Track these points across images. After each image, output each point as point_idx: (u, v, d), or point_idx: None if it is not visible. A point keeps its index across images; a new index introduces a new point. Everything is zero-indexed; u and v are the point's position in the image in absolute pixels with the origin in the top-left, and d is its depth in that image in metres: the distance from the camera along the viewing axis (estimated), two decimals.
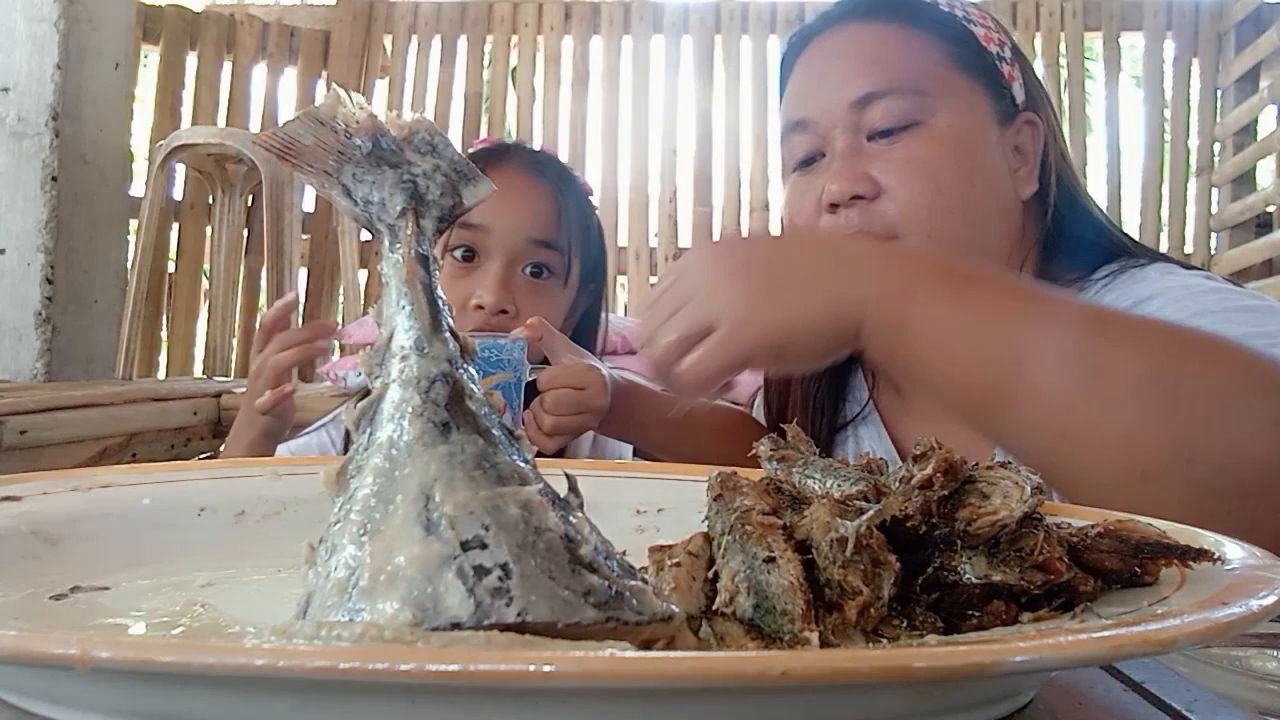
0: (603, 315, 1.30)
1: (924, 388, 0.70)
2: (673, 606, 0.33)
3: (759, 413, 1.12)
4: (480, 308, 1.12)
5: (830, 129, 0.91)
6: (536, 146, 1.28)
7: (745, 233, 3.23)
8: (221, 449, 1.04)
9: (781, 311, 0.66)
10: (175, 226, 3.29)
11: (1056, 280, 0.92)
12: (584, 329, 1.26)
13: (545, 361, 1.04)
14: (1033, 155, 0.93)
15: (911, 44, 0.91)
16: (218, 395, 2.29)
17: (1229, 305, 0.77)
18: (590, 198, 1.29)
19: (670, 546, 0.40)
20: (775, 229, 3.34)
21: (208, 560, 0.50)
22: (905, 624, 0.37)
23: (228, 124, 3.39)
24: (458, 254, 1.15)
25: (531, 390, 1.00)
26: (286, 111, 3.51)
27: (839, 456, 0.53)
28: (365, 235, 1.43)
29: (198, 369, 3.29)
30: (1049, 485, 0.40)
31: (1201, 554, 0.39)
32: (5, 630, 0.28)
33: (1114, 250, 0.92)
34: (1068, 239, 0.93)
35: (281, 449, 1.13)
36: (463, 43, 3.58)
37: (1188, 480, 0.58)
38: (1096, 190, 3.30)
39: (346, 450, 0.37)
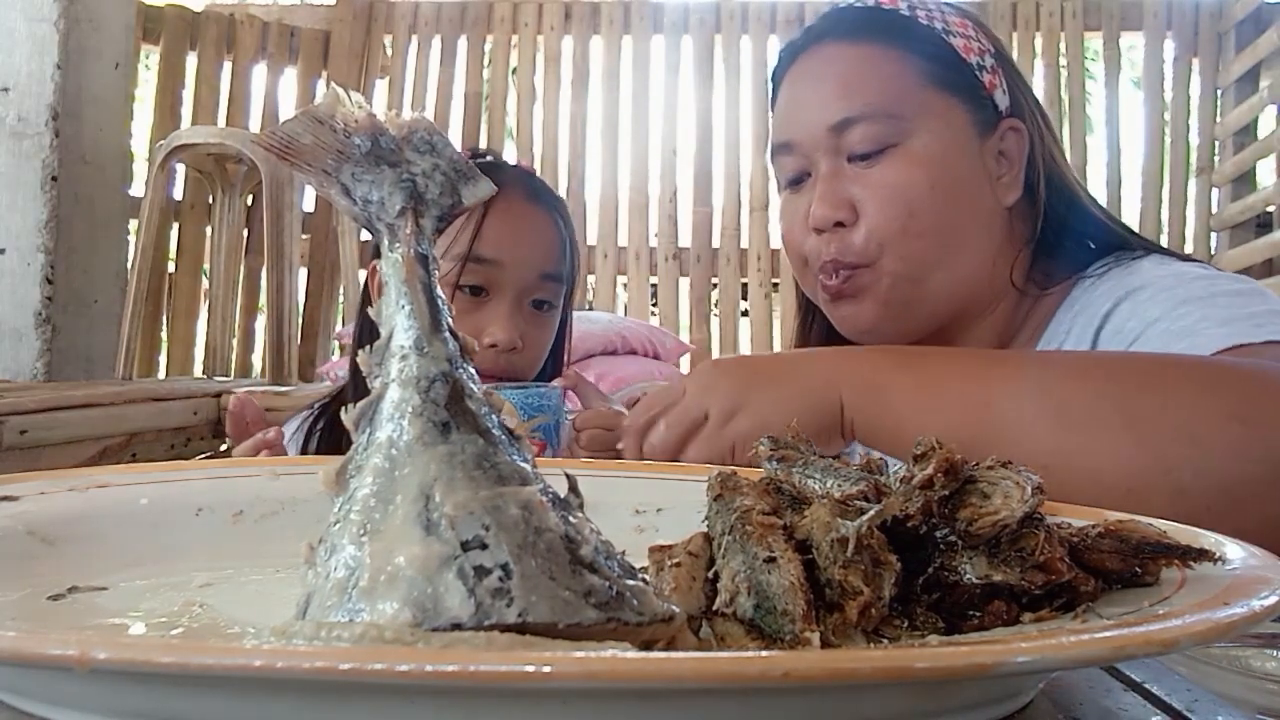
0: (569, 322, 1.32)
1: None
2: (673, 607, 0.33)
3: None
4: (494, 345, 1.13)
5: (813, 151, 0.94)
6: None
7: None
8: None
9: (766, 399, 0.74)
10: (175, 226, 3.29)
11: (1052, 278, 0.95)
12: (556, 339, 1.27)
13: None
14: (1018, 160, 0.95)
15: (888, 66, 0.93)
16: (218, 395, 2.29)
17: (1215, 290, 0.81)
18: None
19: (670, 546, 0.40)
20: (774, 225, 3.34)
21: (206, 560, 0.50)
22: (906, 624, 0.37)
23: (228, 124, 3.38)
24: (466, 289, 1.15)
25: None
26: (286, 111, 3.51)
27: (842, 457, 0.54)
28: (365, 235, 1.43)
29: (198, 369, 3.29)
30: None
31: (1202, 554, 0.39)
32: (3, 631, 0.28)
33: (1114, 245, 0.94)
34: (1064, 237, 0.95)
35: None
36: (463, 43, 3.58)
37: (1171, 489, 0.62)
38: (1096, 190, 3.30)
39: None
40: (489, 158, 1.31)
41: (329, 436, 1.21)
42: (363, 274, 1.31)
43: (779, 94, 1.00)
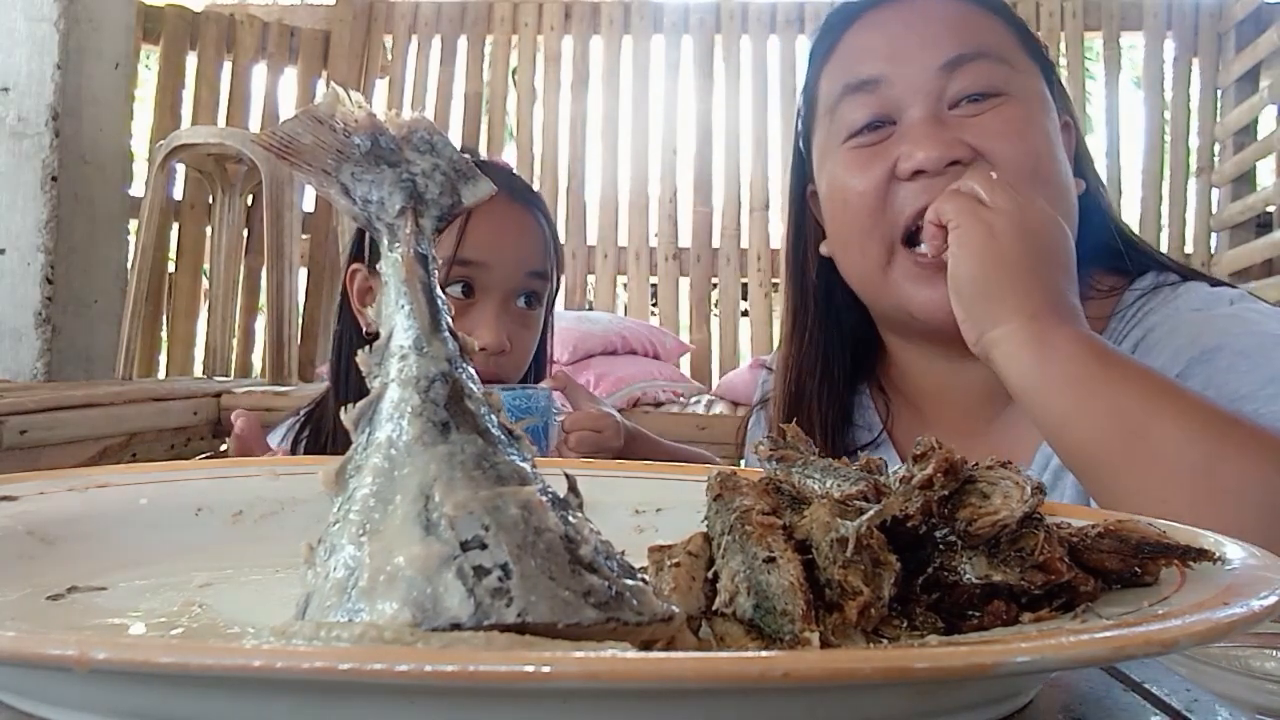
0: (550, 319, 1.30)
1: (1042, 416, 0.71)
2: (673, 607, 0.33)
3: (755, 429, 1.12)
4: (482, 349, 1.12)
5: (909, 93, 0.85)
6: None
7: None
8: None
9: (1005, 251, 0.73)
10: (175, 226, 3.28)
11: (1091, 286, 0.91)
12: (540, 340, 1.27)
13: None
14: (1069, 156, 0.92)
15: (989, 20, 0.89)
16: (218, 395, 2.29)
17: None
18: None
19: (670, 546, 0.40)
20: (774, 225, 3.34)
21: (205, 560, 0.50)
22: (906, 624, 0.37)
23: (228, 124, 3.38)
24: (457, 290, 1.14)
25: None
26: (286, 111, 3.50)
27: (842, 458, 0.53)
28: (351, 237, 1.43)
29: (198, 369, 3.29)
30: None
31: (1202, 554, 0.39)
32: (3, 631, 0.28)
33: (1138, 259, 0.92)
34: (1092, 243, 0.91)
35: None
36: (463, 43, 3.58)
37: None
38: None
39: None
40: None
41: (314, 445, 1.20)
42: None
43: (840, 43, 0.92)
